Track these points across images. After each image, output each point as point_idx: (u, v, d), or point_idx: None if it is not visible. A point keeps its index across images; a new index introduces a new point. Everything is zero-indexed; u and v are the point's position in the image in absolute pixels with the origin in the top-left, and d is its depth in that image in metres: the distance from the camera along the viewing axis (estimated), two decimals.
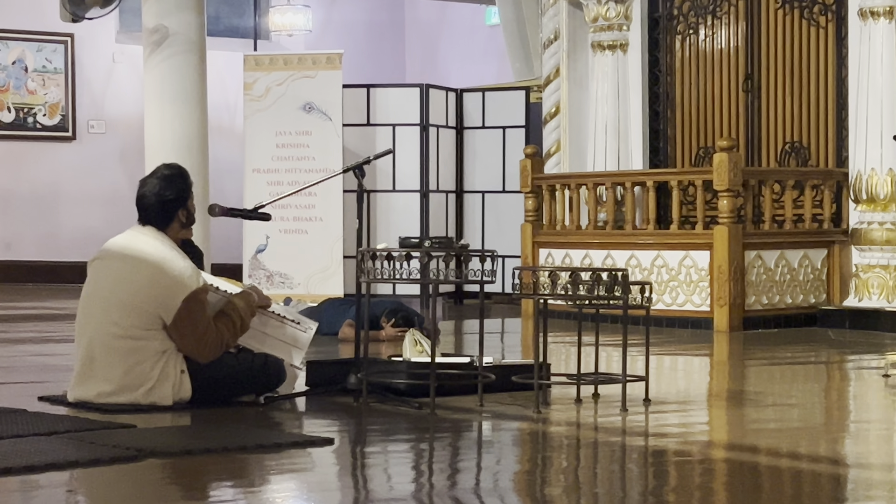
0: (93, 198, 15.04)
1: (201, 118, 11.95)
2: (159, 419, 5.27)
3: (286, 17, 16.19)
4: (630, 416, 5.48)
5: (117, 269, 5.55)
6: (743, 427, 5.50)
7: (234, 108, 15.37)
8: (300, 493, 4.14)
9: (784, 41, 10.59)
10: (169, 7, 11.85)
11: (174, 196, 5.62)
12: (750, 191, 9.78)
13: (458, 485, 4.26)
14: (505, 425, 5.41)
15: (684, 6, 11.21)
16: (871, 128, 9.54)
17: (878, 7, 9.49)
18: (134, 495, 4.03)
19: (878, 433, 5.40)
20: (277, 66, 11.97)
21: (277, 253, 11.81)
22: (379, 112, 12.48)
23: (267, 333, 5.80)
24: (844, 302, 9.84)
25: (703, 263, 9.67)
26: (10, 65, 14.95)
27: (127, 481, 4.19)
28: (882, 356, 7.97)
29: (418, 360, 6.11)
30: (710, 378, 7.55)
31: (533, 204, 10.98)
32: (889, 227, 9.51)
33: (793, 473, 4.49)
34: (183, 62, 11.88)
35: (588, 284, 5.55)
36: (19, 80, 15.02)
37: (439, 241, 5.87)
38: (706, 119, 11.13)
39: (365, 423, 5.38)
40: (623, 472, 4.49)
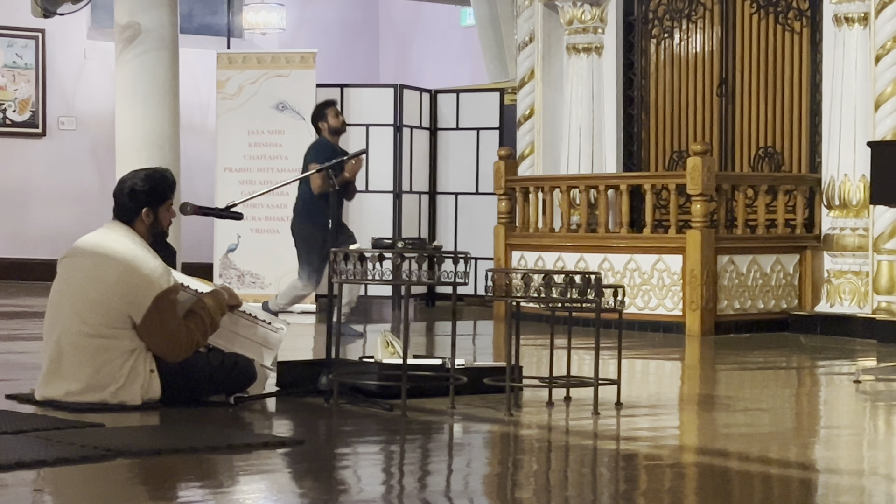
0: (63, 195, 14.98)
1: (173, 116, 11.92)
2: (128, 419, 5.26)
3: (260, 15, 16.16)
4: (601, 420, 5.49)
5: (87, 267, 5.53)
6: (714, 431, 5.52)
7: (207, 106, 15.32)
8: (270, 494, 4.13)
9: (758, 46, 10.63)
10: (142, 4, 11.81)
11: (145, 190, 5.59)
12: (723, 195, 9.82)
13: (428, 487, 4.26)
14: (476, 428, 5.42)
15: (659, 9, 11.25)
16: (844, 134, 9.59)
17: (853, 13, 9.54)
18: (102, 495, 4.01)
19: (849, 439, 5.43)
20: (251, 65, 11.95)
21: (249, 252, 11.78)
22: (352, 112, 12.47)
23: (238, 333, 5.79)
24: (816, 307, 9.88)
25: (675, 267, 9.70)
26: None
27: (95, 481, 4.17)
28: (853, 362, 8.02)
29: (390, 362, 6.10)
30: (682, 382, 7.57)
31: (506, 206, 10.99)
32: (861, 234, 9.55)
33: (763, 478, 4.50)
34: (155, 59, 11.84)
35: (561, 287, 5.56)
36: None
37: (412, 242, 5.86)
38: (680, 123, 11.16)
39: (335, 424, 5.38)
40: (594, 476, 4.50)
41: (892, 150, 7.18)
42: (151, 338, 5.47)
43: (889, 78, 9.23)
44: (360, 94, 12.61)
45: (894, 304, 9.23)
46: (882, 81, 9.27)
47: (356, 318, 10.81)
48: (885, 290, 9.27)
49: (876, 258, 9.34)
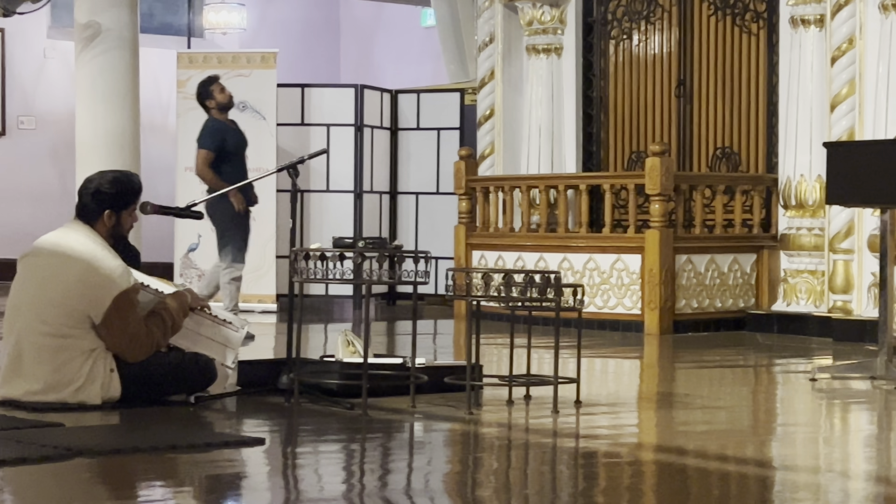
0: (22, 194, 14.88)
1: (133, 115, 11.87)
2: (88, 418, 5.23)
3: (220, 15, 16.12)
4: (561, 418, 5.50)
5: (47, 267, 5.50)
6: (672, 429, 5.54)
7: (167, 105, 15.26)
8: (231, 493, 4.12)
9: (716, 47, 10.68)
10: (102, 3, 11.76)
11: (111, 193, 5.57)
12: (681, 195, 9.86)
13: (389, 485, 4.26)
14: (437, 426, 5.42)
15: (618, 11, 11.28)
16: (800, 134, 9.65)
17: (809, 15, 9.60)
18: (62, 495, 3.99)
19: (805, 436, 5.46)
20: (211, 65, 11.90)
21: (210, 252, 11.72)
22: (313, 112, 12.45)
23: (200, 333, 5.77)
24: (773, 306, 9.94)
25: (634, 267, 9.73)
26: None
27: (55, 481, 4.15)
28: (809, 360, 8.07)
29: (350, 361, 6.10)
30: (641, 380, 7.60)
31: (466, 206, 10.99)
32: (817, 233, 9.62)
33: (721, 475, 4.52)
34: (115, 59, 11.79)
35: (521, 287, 5.57)
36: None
37: (373, 241, 5.86)
38: (639, 123, 11.20)
39: (296, 423, 5.37)
40: (553, 474, 4.51)
41: (847, 150, 7.24)
42: (111, 338, 5.44)
43: (845, 79, 9.30)
44: (321, 94, 12.58)
45: (850, 303, 9.29)
46: (838, 83, 9.34)
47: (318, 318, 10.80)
48: (841, 290, 9.32)
49: (832, 258, 9.40)
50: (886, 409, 6.08)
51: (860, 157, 6.91)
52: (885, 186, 6.73)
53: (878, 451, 5.13)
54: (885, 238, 6.90)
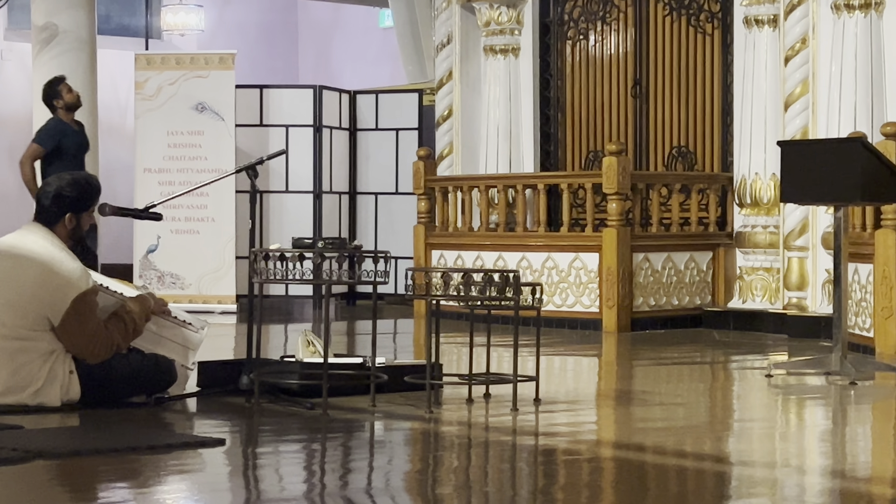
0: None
1: (91, 117, 11.78)
2: (47, 420, 5.19)
3: (178, 16, 16.03)
4: (520, 416, 5.51)
5: (4, 269, 5.45)
6: (630, 426, 5.56)
7: (125, 107, 15.17)
8: (191, 493, 4.10)
9: (672, 48, 10.72)
10: (59, 5, 11.69)
11: (72, 196, 5.54)
12: (638, 194, 9.89)
13: (349, 485, 4.26)
14: (397, 425, 5.41)
15: (575, 12, 11.31)
16: (755, 133, 9.70)
17: (763, 16, 9.66)
18: (21, 497, 3.96)
19: (761, 432, 5.49)
20: (169, 66, 11.85)
21: (169, 253, 11.68)
22: (272, 113, 12.41)
23: (160, 335, 5.75)
24: (729, 303, 9.99)
25: (592, 265, 9.76)
26: None
27: (14, 483, 4.11)
28: (765, 357, 8.11)
29: (310, 361, 6.08)
30: (599, 378, 7.62)
31: (425, 206, 10.99)
32: (772, 231, 9.67)
33: (678, 471, 4.54)
34: (73, 60, 11.72)
35: (480, 286, 5.57)
36: None
37: (332, 241, 5.84)
38: (596, 123, 11.23)
39: (257, 423, 5.35)
40: (513, 471, 4.52)
41: (801, 149, 7.28)
42: (70, 339, 5.41)
43: (798, 78, 9.36)
44: (280, 95, 12.55)
45: (805, 299, 9.35)
46: (791, 82, 9.40)
47: (278, 319, 10.77)
48: (796, 287, 9.39)
49: (786, 255, 9.46)
50: (841, 405, 6.13)
51: (814, 156, 6.95)
52: (838, 184, 6.77)
53: (833, 446, 5.17)
54: (839, 235, 6.94)
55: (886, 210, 7.83)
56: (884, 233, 7.84)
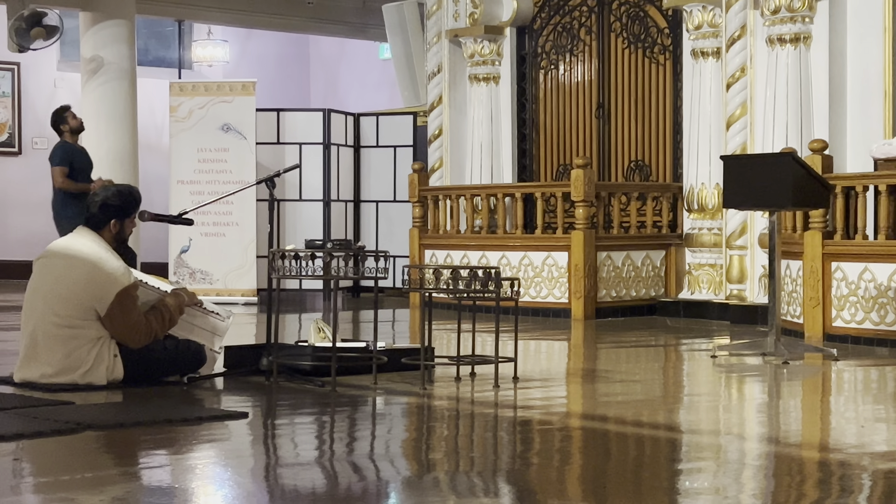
0: (36, 205, 14.69)
1: (132, 136, 11.79)
2: (95, 397, 5.18)
3: (207, 49, 16.03)
4: (501, 392, 5.51)
5: (58, 267, 5.45)
6: (595, 400, 5.56)
7: (161, 128, 15.15)
8: (219, 459, 4.10)
9: (629, 76, 10.73)
10: (104, 40, 11.67)
11: (116, 205, 5.54)
12: (601, 201, 9.90)
13: (355, 451, 4.25)
14: (395, 400, 5.41)
15: (547, 45, 11.32)
16: (701, 149, 9.72)
17: (707, 48, 9.67)
18: (73, 463, 3.95)
19: (707, 404, 5.50)
20: (199, 92, 11.83)
21: (199, 253, 11.67)
22: (287, 132, 12.40)
23: (193, 323, 5.75)
24: (679, 295, 10.00)
25: (562, 262, 9.76)
26: None
27: (67, 451, 4.11)
28: (710, 340, 8.12)
29: (321, 345, 6.08)
30: (568, 359, 7.62)
31: (419, 212, 10.99)
32: (716, 233, 9.69)
33: (636, 439, 4.55)
34: (116, 88, 11.71)
35: (466, 280, 5.57)
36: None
37: (339, 243, 5.84)
38: (565, 140, 11.24)
39: (275, 399, 5.34)
40: (495, 439, 4.52)
41: (740, 162, 7.29)
42: (114, 328, 5.40)
43: (738, 102, 9.37)
44: (294, 117, 12.54)
45: (744, 291, 9.37)
46: (732, 105, 9.41)
47: (292, 309, 10.76)
48: (736, 280, 9.40)
49: (728, 253, 9.47)
50: (775, 381, 6.14)
51: (751, 168, 6.96)
52: (772, 193, 6.78)
53: (768, 416, 5.18)
54: (773, 236, 6.96)
55: (814, 214, 7.84)
56: (811, 234, 7.86)
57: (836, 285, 7.70)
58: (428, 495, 3.51)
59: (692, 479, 3.78)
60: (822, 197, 6.90)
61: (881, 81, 8.76)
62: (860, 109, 8.86)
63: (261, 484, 3.71)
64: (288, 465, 3.99)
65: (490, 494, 3.56)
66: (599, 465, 4.05)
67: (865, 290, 7.53)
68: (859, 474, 3.82)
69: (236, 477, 3.79)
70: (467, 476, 3.79)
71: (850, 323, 7.61)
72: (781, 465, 4.04)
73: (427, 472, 3.87)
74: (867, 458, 4.06)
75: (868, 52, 8.81)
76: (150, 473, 3.85)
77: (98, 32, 11.67)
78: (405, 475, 3.84)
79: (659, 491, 3.62)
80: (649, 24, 10.58)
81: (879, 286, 7.47)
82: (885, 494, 3.56)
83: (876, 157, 8.08)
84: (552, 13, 11.27)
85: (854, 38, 8.88)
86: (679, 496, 3.54)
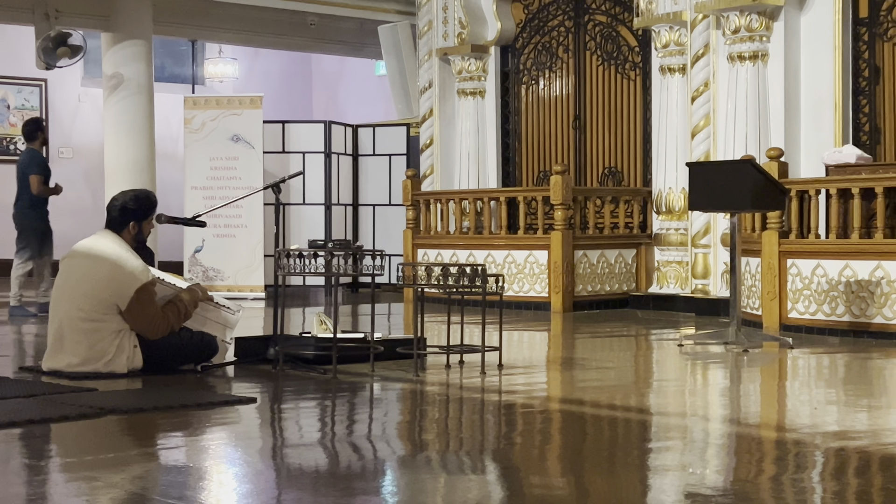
0: (63, 209, 14.61)
1: (150, 146, 11.76)
2: (116, 384, 5.17)
3: (218, 67, 16.00)
4: (487, 378, 5.51)
5: (83, 266, 5.43)
6: (572, 385, 5.57)
7: (177, 138, 15.12)
8: (230, 440, 4.09)
9: (603, 90, 10.74)
10: (124, 58, 11.64)
11: (134, 208, 5.53)
12: (578, 205, 9.91)
13: (354, 432, 4.25)
14: (391, 386, 5.41)
15: (528, 62, 11.32)
16: (668, 157, 9.73)
17: (674, 65, 9.68)
18: (96, 444, 3.94)
19: (675, 389, 5.51)
20: (211, 106, 11.81)
21: (211, 252, 11.65)
22: (291, 142, 12.38)
23: (206, 317, 5.74)
24: (649, 289, 10.01)
25: (542, 260, 9.77)
26: None
27: (91, 433, 4.10)
28: (677, 330, 8.13)
29: (323, 336, 6.07)
30: (548, 348, 7.62)
31: (412, 214, 10.98)
32: (682, 233, 9.70)
33: (610, 420, 4.55)
34: (135, 102, 11.68)
35: (455, 276, 5.57)
36: (2, 115, 14.60)
37: (339, 243, 5.83)
38: (544, 149, 11.24)
39: (281, 385, 5.34)
40: (482, 421, 4.52)
41: (704, 168, 7.30)
42: (134, 321, 5.39)
43: (702, 114, 9.38)
44: (298, 129, 12.52)
45: (708, 286, 9.38)
46: (696, 116, 9.42)
47: (297, 303, 10.75)
48: (701, 275, 9.42)
49: (693, 251, 9.49)
50: (736, 367, 6.15)
51: (714, 174, 6.97)
52: (733, 196, 6.79)
53: (730, 399, 5.19)
54: (734, 235, 6.97)
55: (771, 216, 7.86)
56: (769, 234, 7.87)
57: (791, 280, 7.71)
58: (421, 473, 3.51)
59: (661, 456, 3.79)
60: (779, 200, 6.91)
61: (832, 95, 8.79)
62: (813, 120, 8.89)
63: (268, 463, 3.71)
64: (293, 446, 3.99)
65: (477, 471, 3.56)
66: (576, 445, 4.05)
67: (818, 285, 7.55)
68: (812, 452, 3.83)
69: (246, 457, 3.78)
70: (456, 455, 3.79)
71: (804, 314, 7.63)
72: (742, 443, 4.05)
73: (420, 452, 3.87)
74: (819, 437, 4.07)
75: (820, 68, 8.84)
76: (166, 454, 3.84)
77: (118, 51, 11.64)
78: (400, 454, 3.84)
79: (631, 468, 3.62)
80: (621, 43, 10.59)
81: (830, 281, 7.49)
82: (836, 470, 3.57)
83: (827, 164, 8.10)
84: (533, 33, 11.28)
85: (807, 56, 8.91)
86: (649, 472, 3.54)
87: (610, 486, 3.39)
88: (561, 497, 3.24)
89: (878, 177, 7.43)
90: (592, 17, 10.81)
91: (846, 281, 7.39)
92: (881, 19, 8.76)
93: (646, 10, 9.77)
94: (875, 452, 3.77)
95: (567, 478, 3.50)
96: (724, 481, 3.41)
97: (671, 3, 9.58)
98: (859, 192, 7.41)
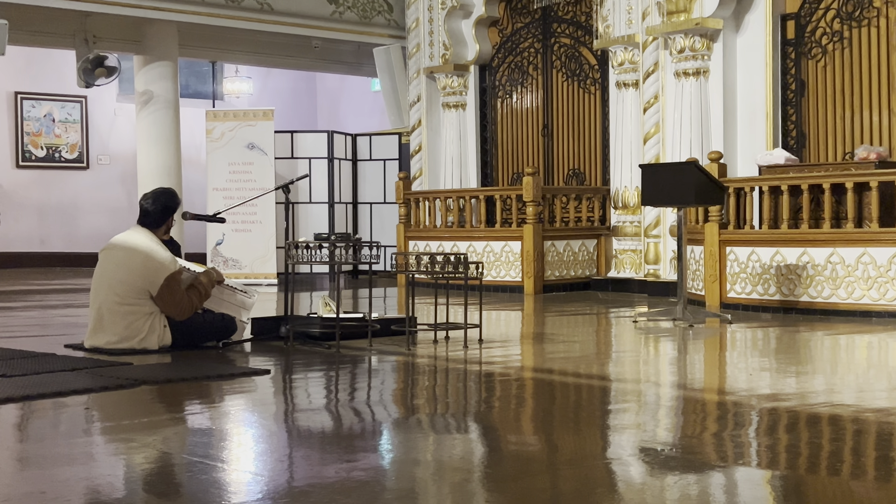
0: (101, 208, 14.63)
1: (176, 154, 11.70)
2: (149, 359, 5.15)
3: (235, 84, 15.93)
4: (469, 351, 5.51)
5: (118, 257, 5.41)
6: (543, 356, 5.58)
7: (200, 146, 15.06)
8: (248, 406, 4.08)
9: (568, 102, 10.74)
10: (153, 76, 11.58)
11: (172, 206, 5.50)
12: (547, 202, 9.91)
13: (355, 399, 4.25)
14: (386, 359, 5.41)
15: (503, 79, 11.31)
16: (623, 160, 9.74)
17: (628, 80, 9.69)
18: (132, 411, 3.93)
19: (630, 359, 5.52)
20: (229, 118, 11.76)
21: (230, 245, 11.62)
22: (299, 149, 12.35)
23: (223, 299, 5.72)
24: (608, 274, 10.03)
25: (516, 249, 9.77)
26: (42, 117, 14.48)
27: (127, 402, 4.09)
28: (632, 309, 8.15)
29: (328, 316, 6.06)
30: (522, 325, 7.62)
31: (404, 211, 10.97)
32: (636, 225, 9.72)
33: (575, 386, 4.56)
34: (163, 116, 11.61)
35: (441, 264, 5.56)
36: (48, 127, 14.53)
37: (341, 236, 5.82)
38: (517, 154, 11.24)
39: (291, 359, 5.33)
40: (465, 388, 4.52)
41: (654, 169, 7.31)
42: (164, 305, 5.37)
43: (652, 122, 9.40)
44: (305, 137, 12.49)
45: (659, 270, 9.41)
46: (648, 125, 9.44)
47: (305, 288, 10.72)
48: (652, 262, 9.44)
49: (646, 241, 9.51)
50: (683, 340, 6.16)
51: (663, 174, 6.98)
52: (679, 193, 6.80)
53: (678, 368, 5.20)
54: (680, 227, 6.98)
55: (712, 210, 7.88)
56: (710, 225, 7.89)
57: (729, 265, 7.74)
58: (413, 433, 3.51)
59: (619, 417, 3.79)
60: (719, 196, 6.93)
61: (763, 106, 8.82)
62: (748, 127, 8.91)
63: (281, 425, 3.70)
64: (302, 411, 3.98)
65: (461, 431, 3.56)
66: (547, 408, 4.06)
67: (752, 269, 7.58)
68: (749, 412, 3.84)
69: (262, 420, 3.77)
70: (443, 417, 3.79)
71: (741, 294, 7.66)
72: (688, 405, 4.06)
73: (412, 415, 3.87)
74: (755, 399, 4.08)
75: (753, 82, 8.86)
76: (193, 418, 3.83)
77: (148, 71, 11.57)
78: (395, 417, 3.84)
79: (594, 427, 3.63)
80: (583, 62, 10.59)
81: (763, 265, 7.51)
82: (769, 426, 3.59)
83: (760, 165, 8.12)
84: (507, 54, 11.26)
85: (742, 72, 8.92)
86: (609, 430, 3.55)
87: (576, 442, 3.40)
88: (533, 452, 3.25)
89: (804, 175, 7.45)
90: (558, 39, 10.81)
91: (777, 265, 7.42)
92: (806, 40, 8.79)
93: (604, 34, 9.77)
94: (802, 412, 3.80)
95: (539, 436, 3.50)
96: (673, 437, 3.42)
97: (625, 27, 9.58)
98: (787, 189, 7.44)
